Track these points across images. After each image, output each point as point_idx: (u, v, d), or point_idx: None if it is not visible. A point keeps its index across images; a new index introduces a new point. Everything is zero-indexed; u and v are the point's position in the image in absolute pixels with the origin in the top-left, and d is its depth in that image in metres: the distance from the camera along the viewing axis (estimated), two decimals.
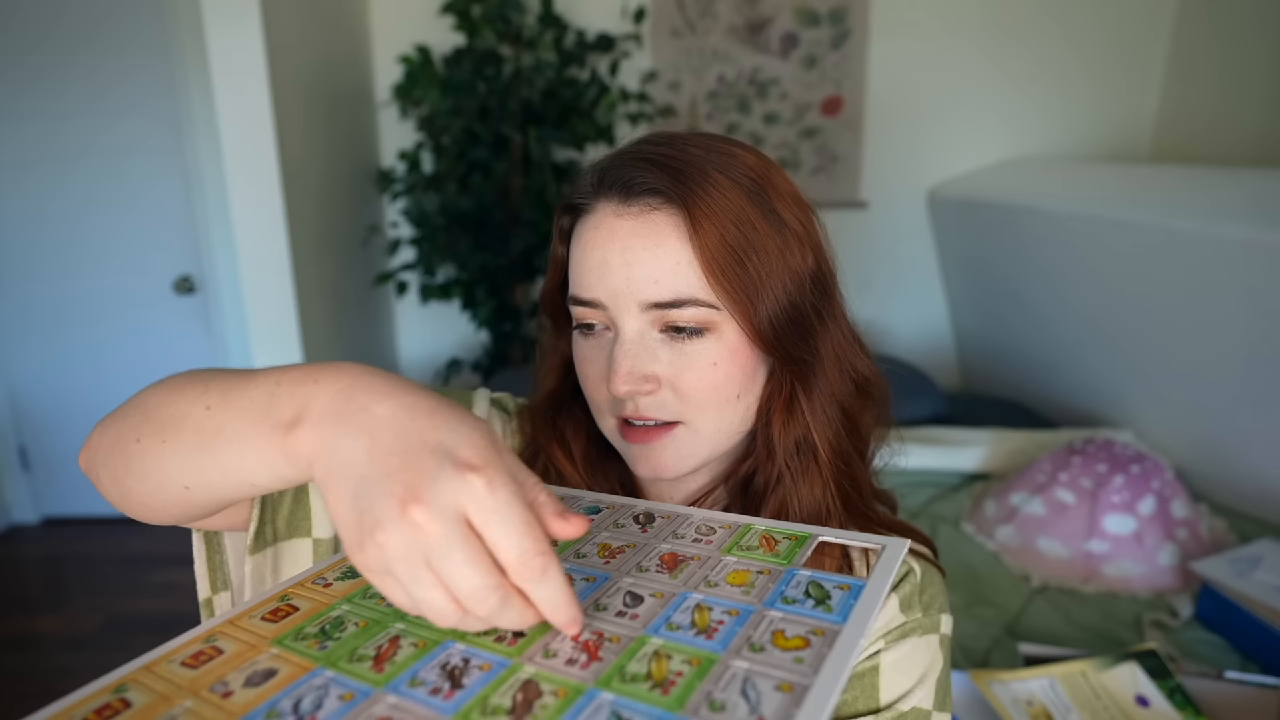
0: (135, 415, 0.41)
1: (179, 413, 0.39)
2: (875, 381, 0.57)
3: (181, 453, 0.38)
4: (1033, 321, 2.28)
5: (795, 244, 0.51)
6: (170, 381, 0.42)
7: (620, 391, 0.49)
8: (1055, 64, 2.48)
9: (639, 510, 0.47)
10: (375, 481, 0.31)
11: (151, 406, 0.41)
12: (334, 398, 0.34)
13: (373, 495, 0.30)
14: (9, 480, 2.76)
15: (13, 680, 1.97)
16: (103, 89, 2.44)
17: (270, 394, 0.36)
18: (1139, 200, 1.79)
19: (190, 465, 0.38)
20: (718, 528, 0.44)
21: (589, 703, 0.29)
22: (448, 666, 0.32)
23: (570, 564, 0.41)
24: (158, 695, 0.31)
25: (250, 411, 0.36)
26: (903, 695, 0.51)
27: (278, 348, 1.99)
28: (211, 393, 0.38)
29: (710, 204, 0.48)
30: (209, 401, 0.38)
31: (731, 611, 0.34)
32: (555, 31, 2.31)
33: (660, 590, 0.37)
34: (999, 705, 1.00)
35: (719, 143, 0.52)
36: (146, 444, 0.40)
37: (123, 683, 0.32)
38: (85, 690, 0.31)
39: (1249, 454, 1.65)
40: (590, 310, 0.51)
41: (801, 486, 0.52)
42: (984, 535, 1.61)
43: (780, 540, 0.41)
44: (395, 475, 0.30)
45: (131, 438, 0.40)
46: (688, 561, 0.40)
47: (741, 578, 0.38)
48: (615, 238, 0.49)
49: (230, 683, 0.32)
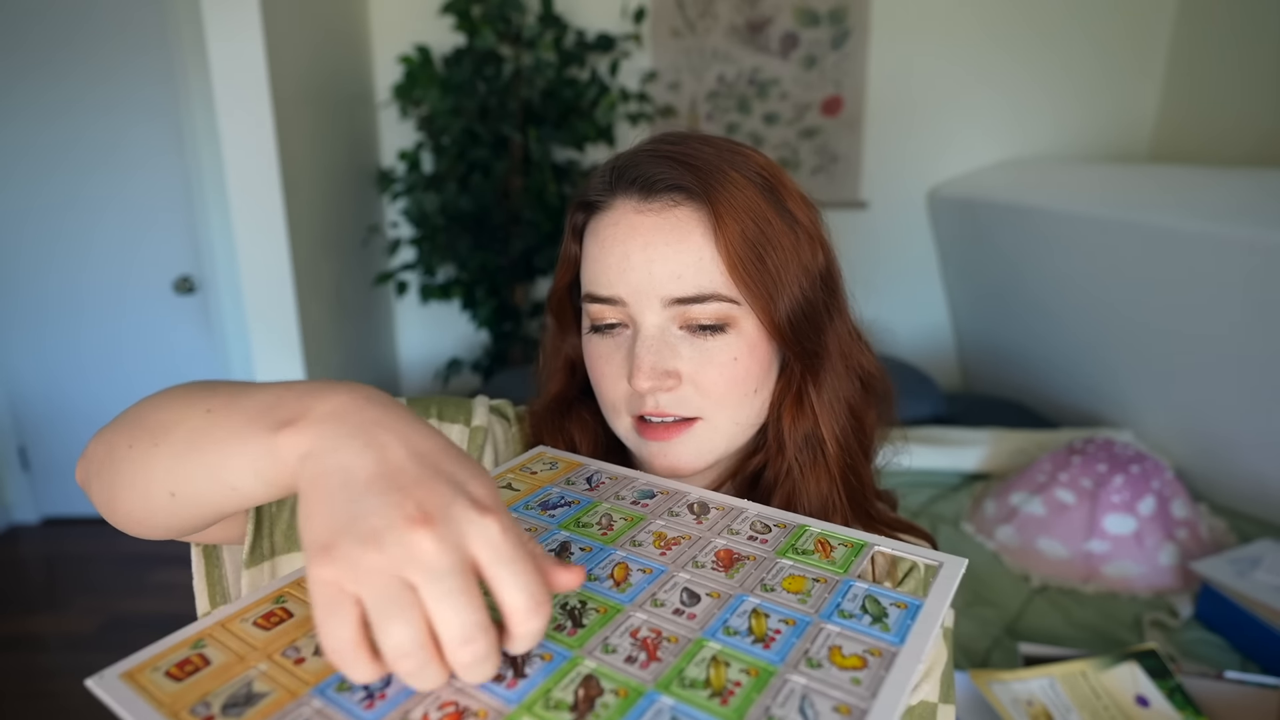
0: (131, 423, 0.40)
1: (175, 417, 0.37)
2: (879, 378, 0.58)
3: (170, 455, 0.37)
4: (1033, 321, 2.28)
5: (806, 241, 0.52)
6: (173, 390, 0.41)
7: (643, 387, 0.49)
8: (1055, 64, 2.48)
9: (693, 499, 0.47)
10: (382, 491, 0.28)
11: (148, 413, 0.39)
12: (338, 406, 0.32)
13: (376, 502, 0.28)
14: (9, 480, 2.76)
15: (13, 680, 1.97)
16: (102, 89, 2.44)
17: (276, 397, 0.34)
18: (1139, 200, 1.79)
19: (176, 468, 0.36)
20: (773, 526, 0.44)
21: (649, 706, 0.29)
22: (510, 653, 0.32)
23: (626, 551, 0.41)
24: (234, 654, 0.32)
25: (249, 412, 0.34)
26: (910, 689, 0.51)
27: (278, 348, 1.99)
28: (217, 398, 0.37)
29: (731, 200, 0.48)
30: (211, 405, 0.36)
31: (788, 620, 0.34)
32: (555, 31, 2.31)
33: (717, 590, 0.37)
34: (999, 705, 1.00)
35: (727, 143, 0.53)
36: (138, 449, 0.38)
37: (200, 638, 0.32)
38: (165, 642, 0.32)
39: (1249, 454, 1.65)
40: (608, 308, 0.51)
41: (809, 481, 0.53)
42: (984, 535, 1.61)
43: (836, 547, 0.41)
44: (408, 490, 0.28)
45: (124, 444, 0.39)
46: (744, 561, 0.40)
47: (798, 584, 0.38)
48: (637, 233, 0.49)
49: (301, 648, 0.32)
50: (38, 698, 1.92)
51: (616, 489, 0.49)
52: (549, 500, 0.47)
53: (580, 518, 0.45)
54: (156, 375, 2.68)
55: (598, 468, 0.52)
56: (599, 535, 0.43)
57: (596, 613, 0.35)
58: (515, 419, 0.63)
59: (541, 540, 0.43)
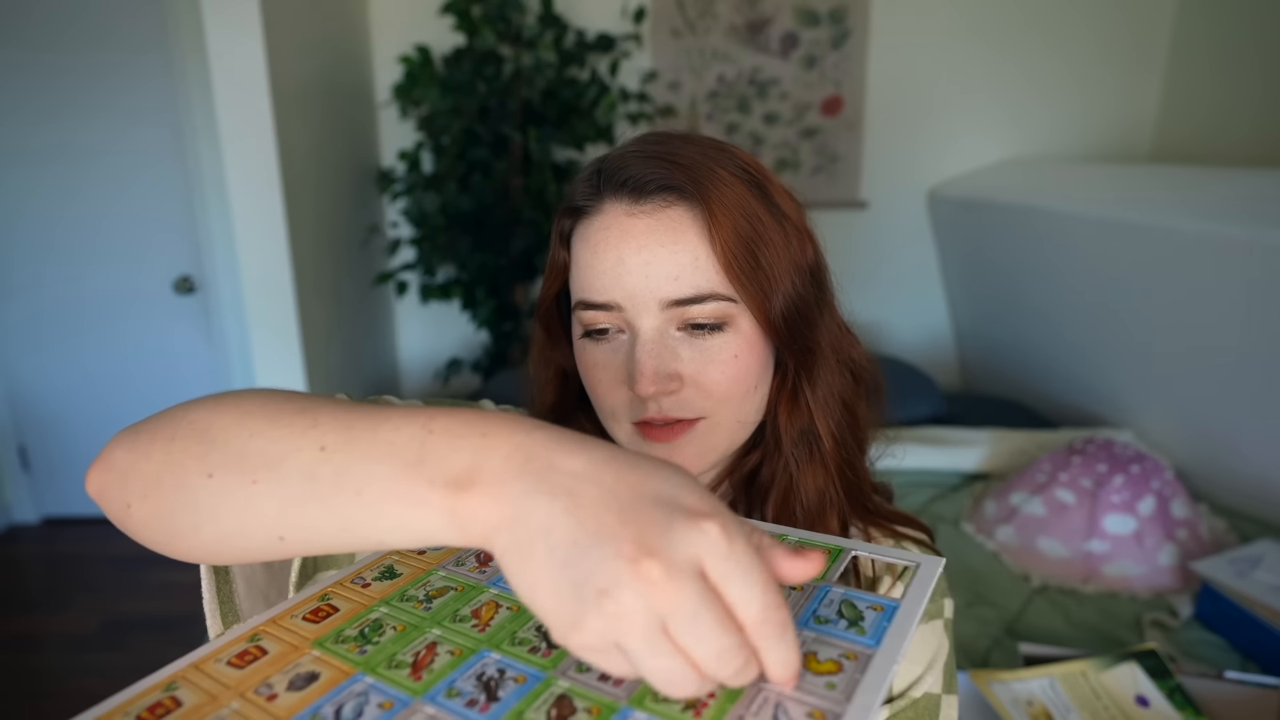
0: (192, 440, 0.35)
1: (276, 449, 0.33)
2: (870, 369, 0.58)
3: (283, 498, 0.32)
4: (1033, 321, 2.28)
5: (795, 236, 0.51)
6: (236, 404, 0.36)
7: (647, 392, 0.48)
8: (1055, 64, 2.48)
9: None
10: (591, 544, 0.26)
11: (219, 432, 0.35)
12: (511, 455, 0.29)
13: (591, 559, 0.26)
14: (9, 480, 2.76)
15: (13, 680, 1.97)
16: (102, 89, 2.44)
17: (420, 442, 0.30)
18: (1139, 200, 1.79)
19: (293, 514, 0.32)
20: None
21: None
22: (483, 677, 0.32)
23: None
24: (206, 695, 0.31)
25: (391, 460, 0.30)
26: (914, 682, 0.52)
27: (278, 348, 2.00)
28: (323, 428, 0.32)
29: (723, 199, 0.48)
30: (324, 440, 0.32)
31: None
32: (555, 31, 2.31)
33: None
34: (999, 705, 1.00)
35: (711, 141, 0.53)
36: (225, 481, 0.33)
37: (172, 680, 0.32)
38: (137, 687, 0.32)
39: (1249, 454, 1.65)
40: (603, 314, 0.50)
41: (806, 477, 0.53)
42: (984, 535, 1.61)
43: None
44: (617, 532, 0.26)
45: (198, 470, 0.34)
46: None
47: None
48: (630, 237, 0.49)
49: (274, 685, 0.32)
50: (38, 698, 1.92)
51: None
52: None
53: None
54: (157, 375, 2.68)
55: None
56: None
57: None
58: None
59: None
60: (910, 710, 0.51)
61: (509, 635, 0.35)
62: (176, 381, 2.69)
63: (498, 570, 0.42)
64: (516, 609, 0.38)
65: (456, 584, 0.41)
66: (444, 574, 0.42)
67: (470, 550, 0.45)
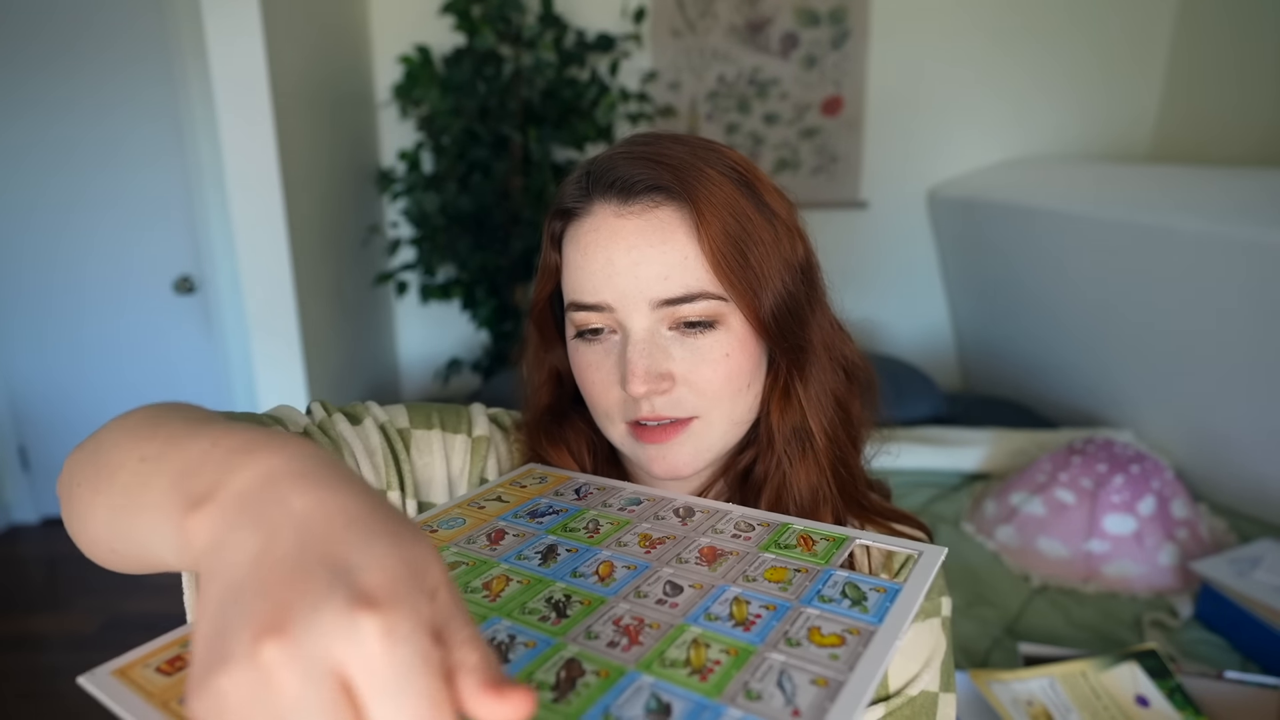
0: (88, 454, 0.36)
1: (117, 460, 0.33)
2: (863, 367, 0.58)
3: (107, 509, 0.33)
4: (1033, 321, 2.28)
5: (785, 234, 0.52)
6: (137, 415, 0.37)
7: (638, 392, 0.48)
8: (1055, 64, 2.48)
9: (679, 504, 0.49)
10: (245, 597, 0.22)
11: (104, 445, 0.35)
12: (255, 478, 0.26)
13: (234, 615, 0.22)
14: (9, 480, 2.76)
15: (13, 680, 1.97)
16: (102, 89, 2.44)
17: (201, 458, 0.29)
18: (1139, 200, 1.79)
19: (113, 524, 0.33)
20: (756, 525, 0.45)
21: (630, 684, 0.30)
22: (494, 642, 0.33)
23: (611, 551, 0.42)
24: None
25: (172, 475, 0.30)
26: (911, 680, 0.52)
27: (278, 348, 1.99)
28: (156, 440, 0.32)
29: (711, 198, 0.48)
30: (146, 452, 0.32)
31: (769, 606, 0.35)
32: (555, 31, 2.31)
33: (699, 581, 0.38)
34: (999, 705, 1.00)
35: (700, 140, 0.53)
36: (82, 491, 0.35)
37: (188, 639, 0.33)
38: (157, 642, 0.33)
39: (1249, 454, 1.65)
40: (594, 314, 0.51)
41: (799, 474, 0.53)
42: (984, 535, 1.61)
43: (818, 541, 0.43)
44: (269, 592, 0.22)
45: (76, 480, 0.36)
46: (726, 556, 0.41)
47: (779, 574, 0.38)
48: (619, 237, 0.49)
49: None
50: (38, 698, 1.92)
51: (604, 498, 0.50)
52: (537, 510, 0.49)
53: (568, 524, 0.46)
54: (156, 375, 2.68)
55: (586, 480, 0.54)
56: (585, 538, 0.44)
57: (580, 604, 0.36)
58: (513, 427, 0.63)
59: (530, 544, 0.43)
60: (907, 708, 0.51)
61: (519, 605, 0.37)
62: (176, 381, 2.69)
63: (509, 547, 0.44)
64: (527, 582, 0.39)
65: (468, 559, 0.42)
66: (455, 550, 0.43)
67: (482, 529, 0.47)
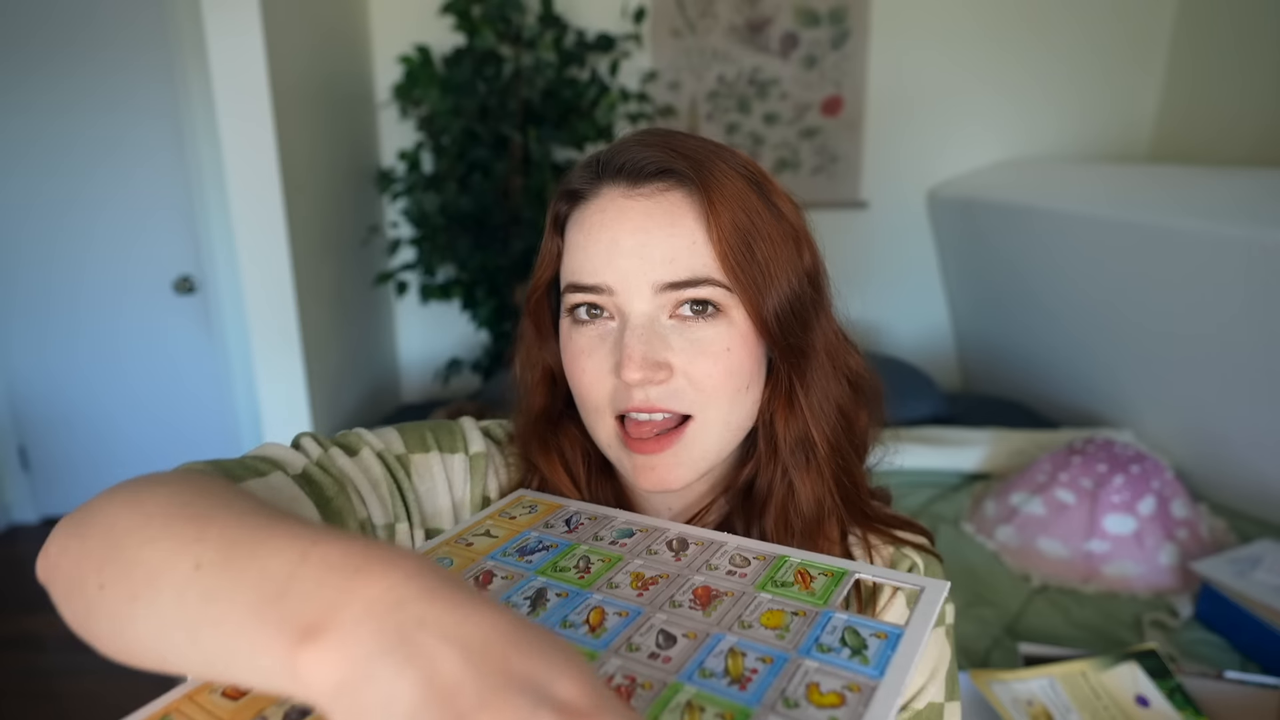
0: (100, 543, 0.32)
1: (155, 562, 0.30)
2: (868, 379, 0.57)
3: (156, 620, 0.29)
4: (1033, 321, 2.28)
5: (793, 237, 0.51)
6: (154, 494, 0.33)
7: (633, 379, 0.46)
8: (1055, 64, 2.48)
9: (672, 535, 0.47)
10: None
11: (122, 535, 0.32)
12: (379, 602, 0.24)
13: None
14: (9, 480, 2.76)
15: (13, 680, 1.97)
16: (102, 88, 2.44)
17: (290, 572, 0.26)
18: (1139, 200, 1.79)
19: (170, 642, 0.29)
20: (752, 559, 0.43)
21: None
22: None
23: (603, 594, 0.41)
24: None
25: (254, 591, 0.26)
26: (917, 693, 0.52)
27: (278, 348, 1.99)
28: (208, 542, 0.29)
29: (722, 188, 0.48)
30: (202, 557, 0.29)
31: (765, 659, 0.34)
32: (555, 31, 2.31)
33: (693, 630, 0.37)
34: (999, 705, 1.00)
35: (711, 141, 0.52)
36: (111, 594, 0.30)
37: (167, 713, 0.32)
38: (132, 718, 0.31)
39: (1249, 454, 1.65)
40: (593, 296, 0.49)
41: (803, 486, 0.52)
42: (984, 535, 1.61)
43: (816, 576, 0.41)
44: (469, 718, 0.22)
45: (94, 580, 0.31)
46: (722, 597, 0.40)
47: (776, 619, 0.37)
48: (626, 218, 0.48)
49: (269, 717, 0.31)
50: (38, 698, 1.92)
51: (595, 529, 0.49)
52: (526, 545, 0.47)
53: (558, 562, 0.45)
54: (156, 375, 2.68)
55: (577, 509, 0.52)
56: (576, 579, 0.42)
57: None
58: (506, 440, 0.61)
59: (518, 588, 0.42)
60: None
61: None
62: (176, 381, 2.69)
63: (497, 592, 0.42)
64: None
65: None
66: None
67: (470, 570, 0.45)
